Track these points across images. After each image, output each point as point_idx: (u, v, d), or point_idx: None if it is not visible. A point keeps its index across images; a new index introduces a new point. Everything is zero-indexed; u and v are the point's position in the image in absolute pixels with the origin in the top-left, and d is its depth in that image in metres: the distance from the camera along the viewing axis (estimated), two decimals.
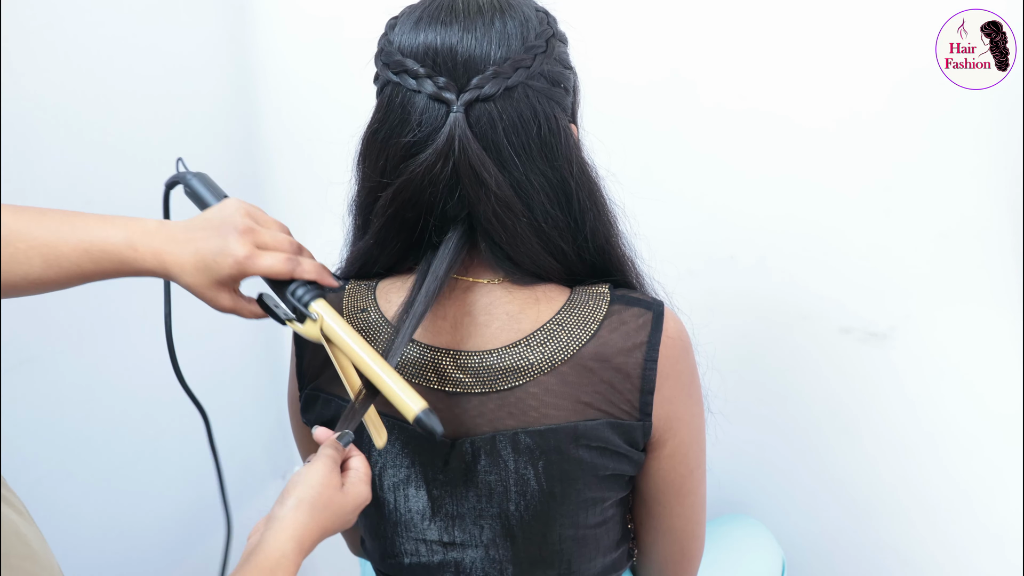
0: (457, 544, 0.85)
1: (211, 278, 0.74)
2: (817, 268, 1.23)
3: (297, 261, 0.76)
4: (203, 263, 0.73)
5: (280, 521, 0.67)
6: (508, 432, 0.78)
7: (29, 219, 0.74)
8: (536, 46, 0.75)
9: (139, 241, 0.74)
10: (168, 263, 0.74)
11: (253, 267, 0.74)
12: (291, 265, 0.75)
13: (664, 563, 0.94)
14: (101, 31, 1.20)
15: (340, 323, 0.76)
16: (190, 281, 0.75)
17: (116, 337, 1.25)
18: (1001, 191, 1.07)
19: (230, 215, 0.75)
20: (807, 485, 1.35)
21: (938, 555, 1.27)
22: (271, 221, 0.78)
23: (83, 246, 0.73)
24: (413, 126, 0.75)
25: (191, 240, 0.74)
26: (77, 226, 0.74)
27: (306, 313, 0.76)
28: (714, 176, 1.25)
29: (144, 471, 1.32)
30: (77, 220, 0.75)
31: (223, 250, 0.73)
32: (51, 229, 0.74)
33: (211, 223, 0.75)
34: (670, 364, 0.79)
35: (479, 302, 0.80)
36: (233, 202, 0.77)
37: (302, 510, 0.68)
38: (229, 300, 0.77)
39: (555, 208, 0.77)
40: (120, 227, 0.74)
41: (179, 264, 0.74)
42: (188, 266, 0.74)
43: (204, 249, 0.73)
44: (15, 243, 0.73)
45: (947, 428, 1.21)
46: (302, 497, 0.69)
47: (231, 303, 0.77)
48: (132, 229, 0.74)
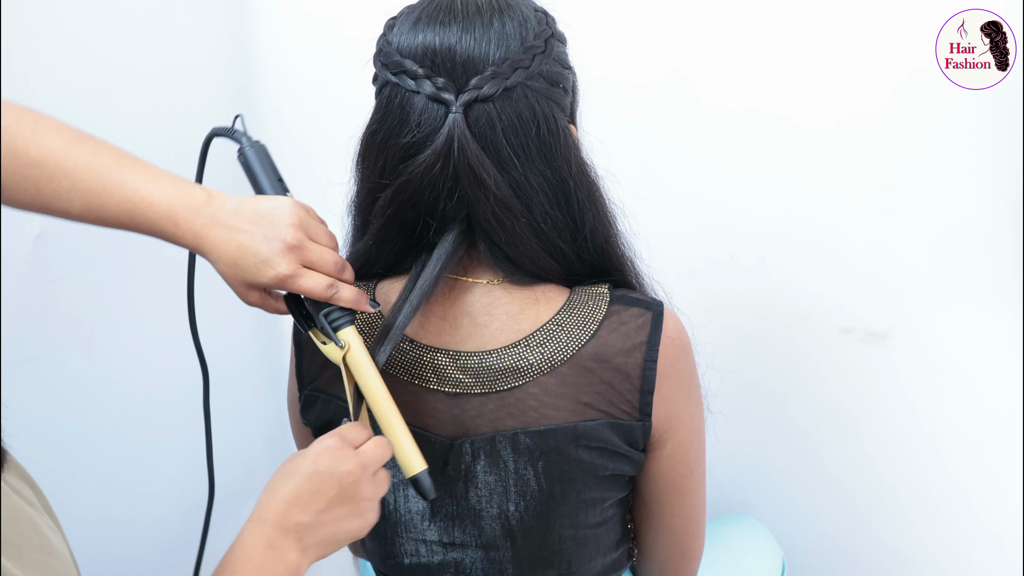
0: (457, 544, 0.85)
1: (246, 279, 0.73)
2: (817, 268, 1.23)
3: (336, 288, 0.74)
4: (243, 264, 0.72)
5: (240, 541, 0.68)
6: (508, 432, 0.78)
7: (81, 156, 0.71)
8: (535, 46, 0.75)
9: (182, 217, 0.72)
10: (207, 248, 0.72)
11: (293, 286, 0.73)
12: (330, 292, 0.73)
13: (664, 563, 0.94)
14: (101, 31, 1.19)
15: (366, 359, 0.75)
16: (224, 271, 0.73)
17: (116, 337, 1.25)
18: (1001, 191, 1.07)
19: (283, 221, 0.72)
20: (807, 485, 1.35)
21: (938, 555, 1.27)
22: (322, 232, 0.76)
23: (125, 206, 0.71)
24: (412, 127, 0.74)
25: (237, 232, 0.72)
26: (125, 180, 0.71)
27: (334, 339, 0.75)
28: (714, 176, 1.25)
29: (144, 471, 1.32)
30: (128, 172, 0.72)
31: (267, 261, 0.71)
32: (99, 175, 0.71)
33: (262, 222, 0.72)
34: (670, 364, 0.79)
35: (478, 303, 0.80)
36: (287, 206, 0.74)
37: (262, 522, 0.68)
38: (258, 298, 0.75)
39: (554, 208, 0.77)
40: (167, 193, 0.72)
41: (217, 253, 0.72)
42: (227, 258, 0.72)
43: (247, 251, 0.71)
44: (60, 179, 0.71)
45: (947, 428, 1.21)
46: (272, 491, 0.69)
47: (259, 300, 0.76)
48: (178, 201, 0.72)
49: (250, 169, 0.79)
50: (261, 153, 0.80)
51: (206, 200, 0.73)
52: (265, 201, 0.74)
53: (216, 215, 0.72)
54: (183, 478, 1.40)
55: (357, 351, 0.75)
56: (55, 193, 0.71)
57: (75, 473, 1.20)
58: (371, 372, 0.74)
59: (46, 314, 1.14)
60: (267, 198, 0.75)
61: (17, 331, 1.07)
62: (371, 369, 0.74)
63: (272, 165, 0.80)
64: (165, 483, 1.36)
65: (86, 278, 1.18)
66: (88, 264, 1.18)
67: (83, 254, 1.17)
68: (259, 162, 0.79)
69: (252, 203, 0.74)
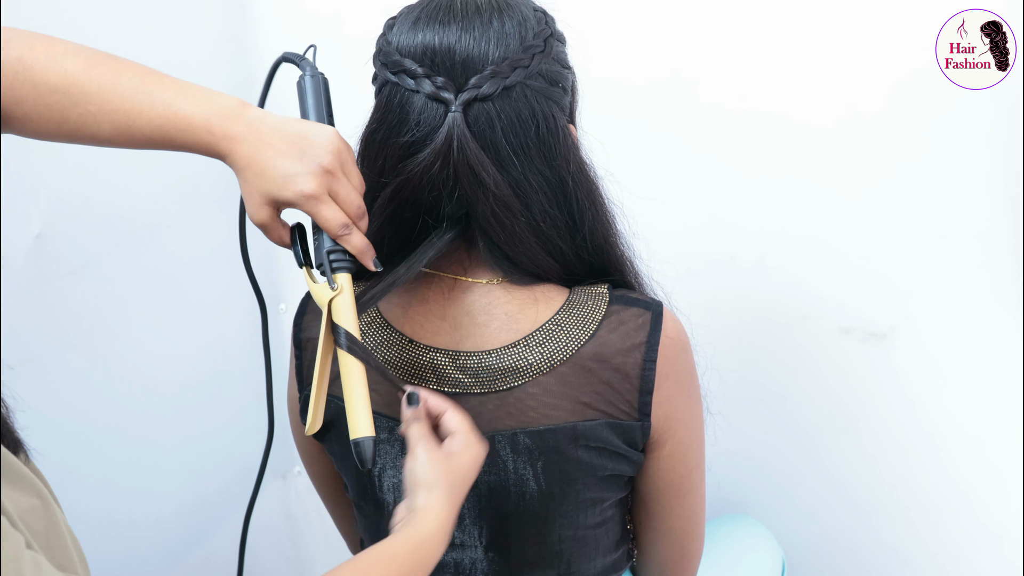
0: (456, 544, 0.85)
1: (267, 191, 0.71)
2: (817, 268, 1.23)
3: (350, 230, 0.73)
4: (270, 174, 0.70)
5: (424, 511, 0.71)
6: (507, 432, 0.78)
7: (104, 78, 0.70)
8: (534, 46, 0.75)
9: (217, 125, 0.70)
10: (237, 155, 0.70)
11: (311, 208, 0.71)
12: (343, 231, 0.73)
13: (664, 563, 0.94)
14: (101, 31, 1.19)
15: (350, 309, 0.74)
16: (248, 179, 0.71)
17: (116, 337, 1.25)
18: (1001, 191, 1.07)
19: (322, 146, 0.71)
20: (807, 485, 1.35)
21: (938, 555, 1.27)
22: (355, 172, 0.74)
23: (158, 122, 0.70)
24: (411, 126, 0.74)
25: (273, 145, 0.70)
26: (155, 97, 0.70)
27: (329, 279, 0.74)
28: (714, 176, 1.25)
29: (144, 471, 1.32)
30: (155, 88, 0.70)
31: (295, 177, 0.70)
32: (127, 96, 0.69)
33: (300, 142, 0.71)
34: (669, 364, 0.79)
35: (478, 302, 0.80)
36: (331, 134, 0.72)
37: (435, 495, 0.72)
38: (267, 216, 0.73)
39: (553, 208, 0.77)
40: (200, 104, 0.70)
41: (246, 160, 0.70)
42: (255, 166, 0.70)
43: (280, 163, 0.70)
44: (86, 104, 0.69)
45: (947, 428, 1.21)
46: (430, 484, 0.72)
47: (267, 219, 0.74)
48: (211, 110, 0.70)
49: (303, 97, 0.77)
50: (320, 87, 0.78)
51: (239, 107, 0.71)
52: (309, 124, 0.73)
53: (254, 125, 0.71)
54: (183, 478, 1.40)
55: (346, 298, 0.74)
56: (81, 118, 0.70)
57: (75, 473, 1.20)
58: (352, 324, 0.73)
59: (46, 314, 1.14)
60: (312, 123, 0.74)
61: (17, 331, 1.07)
62: (352, 321, 0.73)
63: (328, 99, 0.78)
64: (165, 483, 1.36)
65: (86, 278, 1.18)
66: (88, 264, 1.18)
67: (83, 254, 1.17)
68: (314, 92, 0.77)
69: (295, 123, 0.72)
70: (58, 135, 0.71)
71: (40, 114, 0.69)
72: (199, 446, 1.42)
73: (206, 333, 1.41)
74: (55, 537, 0.56)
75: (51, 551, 0.55)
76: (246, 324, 1.51)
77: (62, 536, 0.57)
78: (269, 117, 0.72)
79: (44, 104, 0.69)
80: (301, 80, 0.78)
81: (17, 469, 0.56)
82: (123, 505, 1.28)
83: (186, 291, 1.36)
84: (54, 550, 0.55)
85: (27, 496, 0.56)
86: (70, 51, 0.70)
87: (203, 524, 1.43)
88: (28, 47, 0.70)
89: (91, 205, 1.18)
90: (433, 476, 0.72)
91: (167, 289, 1.32)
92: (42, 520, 0.56)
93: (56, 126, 0.70)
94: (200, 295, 1.39)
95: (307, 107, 0.77)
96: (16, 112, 0.69)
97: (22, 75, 0.69)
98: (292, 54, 0.80)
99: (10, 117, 0.70)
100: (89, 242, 1.17)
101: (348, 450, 0.84)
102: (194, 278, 1.37)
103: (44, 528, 0.56)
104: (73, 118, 0.70)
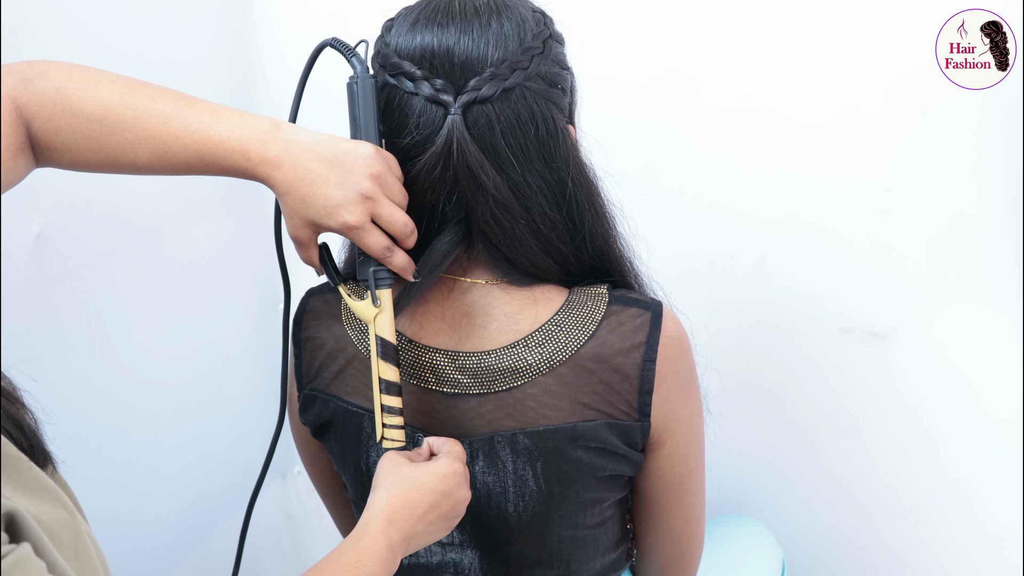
0: (456, 545, 0.85)
1: (311, 218, 0.72)
2: (817, 268, 1.23)
3: (393, 252, 0.74)
4: (313, 203, 0.71)
5: (366, 509, 0.72)
6: (506, 433, 0.78)
7: (140, 104, 0.71)
8: (533, 47, 0.75)
9: (253, 150, 0.71)
10: (276, 180, 0.71)
11: (355, 237, 0.73)
12: (387, 254, 0.74)
13: (664, 563, 0.94)
14: (101, 30, 1.19)
15: (390, 326, 0.77)
16: (290, 204, 0.72)
17: (117, 337, 1.25)
18: (1001, 191, 1.07)
19: (360, 171, 0.71)
20: (807, 485, 1.35)
21: (938, 555, 1.27)
22: (397, 190, 0.74)
23: (194, 147, 0.71)
24: (411, 128, 0.74)
25: (312, 169, 0.71)
26: (190, 123, 0.71)
27: (374, 297, 0.76)
28: (714, 176, 1.25)
29: (144, 471, 1.32)
30: (190, 113, 0.71)
31: (338, 207, 0.71)
32: (162, 122, 0.70)
33: (339, 165, 0.71)
34: (668, 364, 0.79)
35: (477, 303, 0.80)
36: (369, 155, 0.72)
37: (379, 491, 0.73)
38: (306, 237, 0.75)
39: (553, 209, 0.77)
40: (235, 128, 0.71)
41: (287, 186, 0.71)
42: (297, 193, 0.71)
43: (320, 192, 0.70)
44: (122, 132, 0.70)
45: (947, 428, 1.21)
46: (375, 485, 0.74)
47: (307, 239, 0.75)
48: (246, 134, 0.71)
49: (354, 101, 0.76)
50: (370, 92, 0.76)
51: (273, 129, 0.71)
52: (347, 143, 0.73)
53: (291, 149, 0.71)
54: (183, 478, 1.40)
55: (387, 316, 0.77)
56: (119, 146, 0.71)
57: (75, 473, 1.19)
58: (392, 337, 0.77)
59: (46, 314, 1.14)
60: (349, 141, 0.73)
61: (17, 331, 1.07)
62: (392, 334, 0.77)
63: (374, 112, 0.76)
64: (165, 483, 1.36)
65: (86, 278, 1.17)
66: (88, 264, 1.18)
67: (83, 254, 1.17)
68: (364, 99, 0.75)
69: (331, 142, 0.72)
70: (96, 164, 0.72)
71: (78, 143, 0.71)
72: (199, 447, 1.41)
73: (206, 334, 1.41)
74: (82, 549, 0.56)
75: (78, 563, 0.55)
76: (247, 324, 1.52)
77: (87, 548, 0.57)
78: (304, 135, 0.72)
79: (82, 133, 0.70)
80: (352, 83, 0.76)
81: (43, 483, 0.56)
82: (123, 505, 1.28)
83: (186, 291, 1.36)
84: (81, 562, 0.55)
85: (56, 508, 0.56)
86: (106, 80, 0.72)
87: (203, 524, 1.43)
88: (65, 77, 0.71)
89: (91, 205, 1.18)
90: (380, 475, 0.74)
91: (167, 289, 1.32)
92: (70, 532, 0.56)
93: (94, 154, 0.71)
94: (200, 295, 1.39)
95: (356, 114, 0.76)
96: (55, 142, 0.71)
97: (60, 105, 0.70)
98: (341, 44, 0.78)
99: (49, 147, 0.71)
100: (89, 242, 1.17)
101: (347, 449, 0.84)
102: (195, 279, 1.37)
103: (72, 540, 0.56)
104: (111, 146, 0.71)
